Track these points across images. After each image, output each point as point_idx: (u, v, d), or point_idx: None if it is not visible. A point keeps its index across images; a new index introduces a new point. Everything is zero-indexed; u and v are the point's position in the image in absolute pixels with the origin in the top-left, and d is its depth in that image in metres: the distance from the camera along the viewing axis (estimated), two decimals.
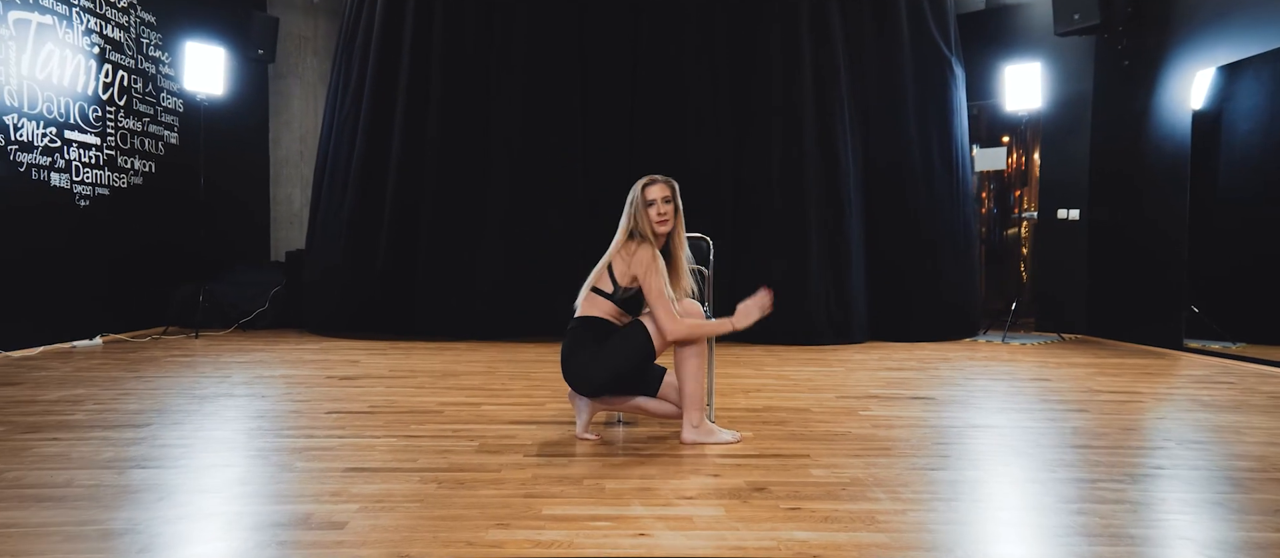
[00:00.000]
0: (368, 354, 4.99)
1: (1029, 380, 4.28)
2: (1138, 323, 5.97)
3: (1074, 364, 4.93)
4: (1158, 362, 5.10)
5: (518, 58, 6.03)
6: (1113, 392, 3.94)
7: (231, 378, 3.99)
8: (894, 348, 5.69)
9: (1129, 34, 6.07)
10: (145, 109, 5.98)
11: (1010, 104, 6.34)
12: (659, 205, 2.74)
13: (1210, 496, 2.26)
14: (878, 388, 3.99)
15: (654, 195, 2.74)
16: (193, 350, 5.03)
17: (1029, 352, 5.58)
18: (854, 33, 6.21)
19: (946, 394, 3.83)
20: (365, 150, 6.03)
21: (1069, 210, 6.64)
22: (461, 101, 5.99)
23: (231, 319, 6.21)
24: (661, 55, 6.11)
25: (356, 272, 5.96)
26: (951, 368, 4.73)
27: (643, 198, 2.75)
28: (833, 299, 5.94)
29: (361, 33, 6.18)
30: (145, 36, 5.96)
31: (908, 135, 6.17)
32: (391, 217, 5.95)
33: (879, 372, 4.54)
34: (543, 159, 6.01)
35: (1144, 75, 5.93)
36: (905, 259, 6.16)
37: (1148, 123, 5.88)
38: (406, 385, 3.88)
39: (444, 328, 5.89)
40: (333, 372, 4.27)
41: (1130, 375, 4.49)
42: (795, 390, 3.90)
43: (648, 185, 2.76)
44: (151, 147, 6.05)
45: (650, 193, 2.75)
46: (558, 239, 5.97)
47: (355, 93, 6.13)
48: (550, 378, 4.16)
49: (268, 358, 4.74)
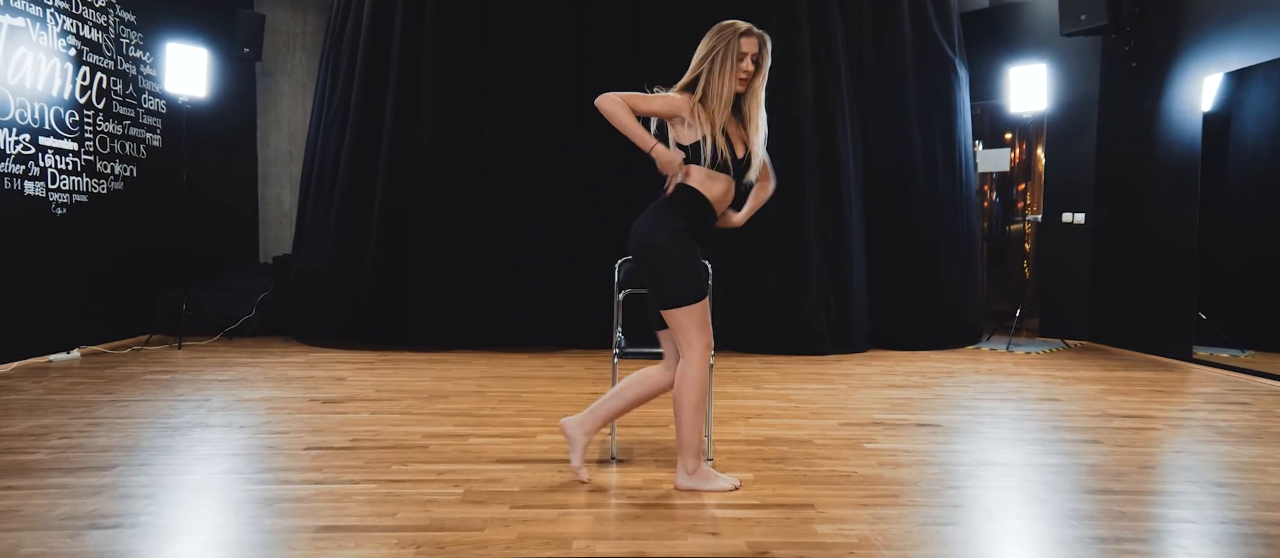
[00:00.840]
0: (355, 369, 4.84)
1: (1038, 401, 4.14)
2: (1144, 330, 5.83)
3: (1082, 379, 4.79)
4: (1167, 375, 4.96)
5: (514, 54, 5.83)
6: (1125, 415, 3.80)
7: (210, 402, 3.83)
8: (896, 358, 5.54)
9: (1136, 36, 5.89)
10: (126, 112, 5.79)
11: (1015, 105, 6.17)
12: (746, 62, 2.53)
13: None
14: (882, 411, 3.85)
15: (747, 48, 2.52)
16: (174, 364, 4.87)
17: (1034, 361, 5.43)
18: (855, 33, 6.02)
19: (953, 420, 3.69)
20: (353, 151, 5.84)
21: (1074, 214, 6.48)
22: (454, 100, 5.80)
23: (218, 326, 6.05)
24: (660, 55, 5.91)
25: (345, 277, 5.79)
26: (956, 384, 4.59)
27: (738, 48, 2.50)
28: (833, 306, 5.79)
29: (350, 29, 5.97)
30: (125, 36, 5.76)
31: (910, 137, 6.00)
32: (381, 219, 5.77)
33: (882, 390, 4.40)
34: (539, 160, 5.82)
35: (1152, 78, 5.75)
36: (907, 264, 6.01)
37: (1156, 126, 5.71)
38: (392, 411, 3.73)
39: (436, 336, 5.73)
40: (317, 392, 4.11)
41: (1142, 394, 4.35)
42: (797, 415, 3.75)
43: (744, 34, 2.52)
44: (133, 150, 5.86)
45: (745, 45, 2.51)
46: (554, 241, 5.81)
47: (343, 91, 5.94)
48: (542, 401, 4.01)
49: (250, 374, 4.58)
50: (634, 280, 3.06)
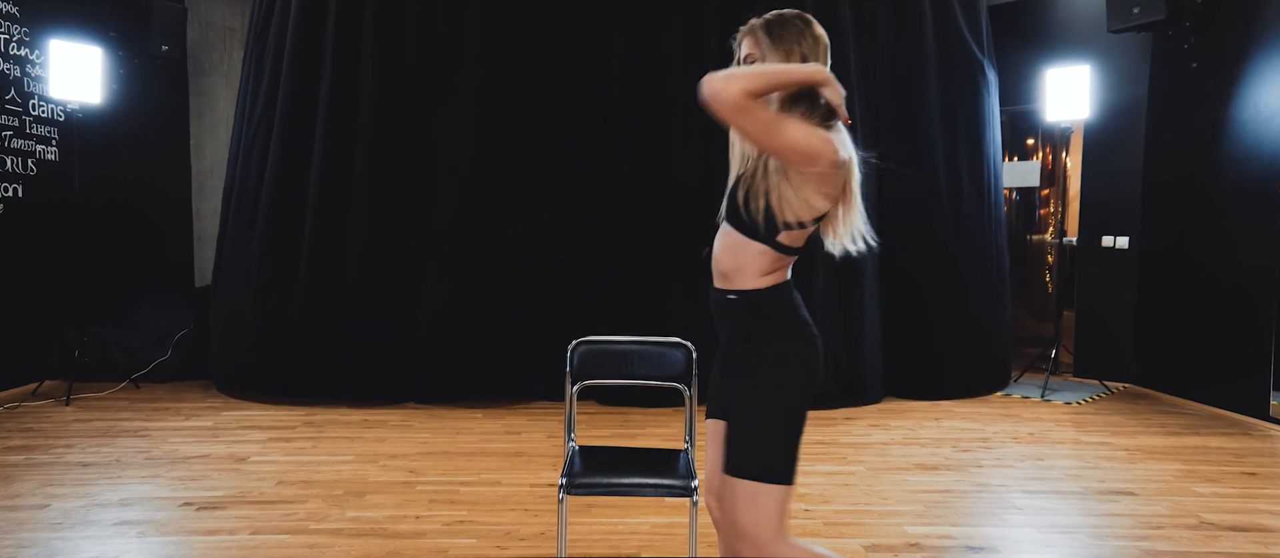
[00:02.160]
0: (267, 439, 3.97)
1: (1103, 491, 3.31)
2: (1204, 374, 4.99)
3: (1148, 449, 3.96)
4: (1247, 442, 4.14)
5: (470, 55, 4.94)
6: (1225, 515, 2.98)
7: (55, 504, 2.97)
8: (917, 413, 4.71)
9: (1197, 30, 5.04)
10: (8, 120, 4.89)
11: (1051, 113, 5.32)
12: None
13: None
14: (914, 519, 3.01)
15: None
16: (47, 432, 3.99)
17: (1078, 415, 4.61)
18: (867, 32, 5.15)
19: (1010, 537, 2.86)
20: (279, 170, 4.94)
21: (1116, 238, 5.64)
22: (399, 110, 4.92)
23: (125, 371, 5.17)
24: (643, 61, 5.04)
25: (269, 316, 4.89)
26: (995, 460, 3.76)
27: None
28: (841, 349, 4.93)
29: (274, 29, 5.06)
30: (5, 31, 4.85)
31: (931, 150, 5.15)
32: (310, 250, 4.88)
33: (909, 474, 3.56)
34: (498, 179, 4.94)
35: (1218, 80, 4.91)
36: (928, 296, 5.15)
37: (1223, 135, 4.87)
38: (284, 524, 2.87)
39: (375, 390, 4.85)
40: (197, 486, 3.25)
41: (1229, 474, 3.53)
42: (806, 522, 2.91)
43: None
44: (17, 166, 4.96)
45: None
46: (514, 279, 4.93)
47: (266, 102, 5.03)
48: (483, 499, 3.16)
49: (138, 447, 3.71)
50: (590, 371, 2.22)
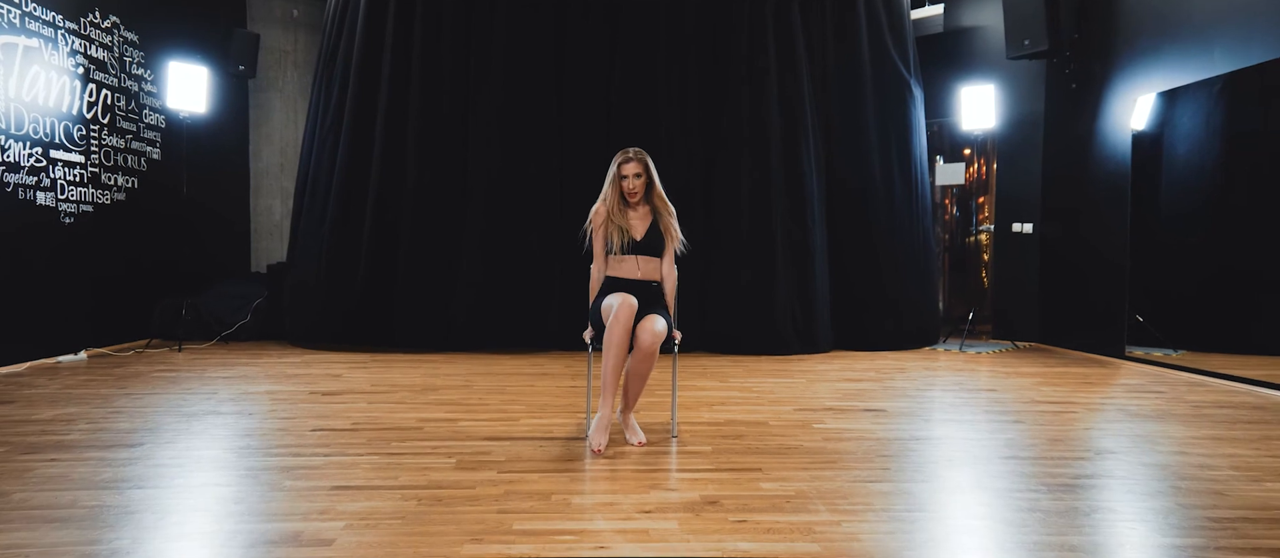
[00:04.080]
0: (349, 368, 5.17)
1: (976, 391, 4.56)
2: (1084, 332, 6.29)
3: (1021, 374, 5.22)
4: (1099, 370, 5.41)
5: (496, 82, 6.23)
6: (1051, 402, 4.22)
7: (217, 394, 4.16)
8: (857, 357, 5.96)
9: (1075, 59, 6.39)
10: (128, 127, 6.11)
11: (966, 123, 6.64)
12: (629, 180, 3.30)
13: (1105, 504, 2.52)
14: (834, 400, 4.24)
15: (627, 171, 3.31)
16: (176, 365, 5.18)
17: (984, 360, 5.87)
18: (818, 57, 6.48)
19: (897, 406, 4.09)
20: (346, 170, 6.21)
21: (1023, 225, 6.95)
22: (440, 124, 6.19)
23: (214, 332, 6.36)
24: (635, 82, 6.33)
25: (337, 285, 6.14)
26: (907, 379, 5.00)
27: (618, 172, 3.32)
28: (798, 311, 6.20)
29: (341, 57, 6.35)
30: (128, 55, 6.09)
31: (869, 154, 6.45)
32: (371, 232, 6.13)
33: (838, 383, 4.80)
34: (520, 177, 6.22)
35: (1089, 98, 6.25)
36: (867, 272, 6.44)
37: (1093, 143, 6.20)
38: (387, 401, 4.07)
39: (422, 340, 6.09)
40: (316, 387, 4.45)
41: (1070, 385, 4.78)
42: (757, 403, 4.14)
43: (623, 162, 3.32)
44: (134, 163, 6.18)
45: (625, 169, 3.31)
46: (534, 255, 6.18)
47: (335, 113, 6.31)
48: (525, 392, 4.37)
49: (252, 372, 4.91)
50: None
